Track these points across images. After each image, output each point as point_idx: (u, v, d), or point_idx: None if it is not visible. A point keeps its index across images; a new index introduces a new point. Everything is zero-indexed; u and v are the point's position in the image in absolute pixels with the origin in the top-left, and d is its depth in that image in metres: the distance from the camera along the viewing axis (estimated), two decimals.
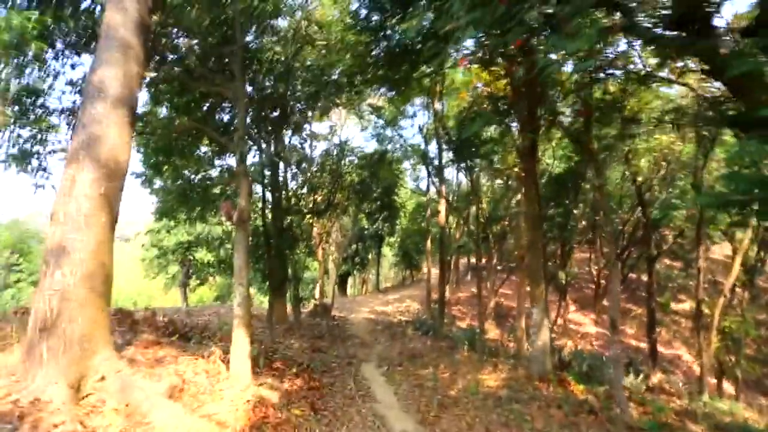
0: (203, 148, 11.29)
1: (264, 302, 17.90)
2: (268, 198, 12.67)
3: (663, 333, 19.90)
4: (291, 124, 10.57)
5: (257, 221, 11.78)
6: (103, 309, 3.84)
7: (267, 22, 8.12)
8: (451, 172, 25.43)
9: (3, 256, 31.12)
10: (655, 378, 14.28)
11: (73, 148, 3.93)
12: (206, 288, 25.14)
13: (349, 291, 32.80)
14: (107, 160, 3.95)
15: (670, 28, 4.30)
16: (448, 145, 11.02)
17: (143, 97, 7.80)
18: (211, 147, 10.99)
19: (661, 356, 17.50)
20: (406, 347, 12.22)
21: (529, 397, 5.89)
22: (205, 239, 12.34)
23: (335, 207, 15.96)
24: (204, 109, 9.16)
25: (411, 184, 27.64)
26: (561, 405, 5.47)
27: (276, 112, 9.20)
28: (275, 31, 8.57)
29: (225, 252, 12.87)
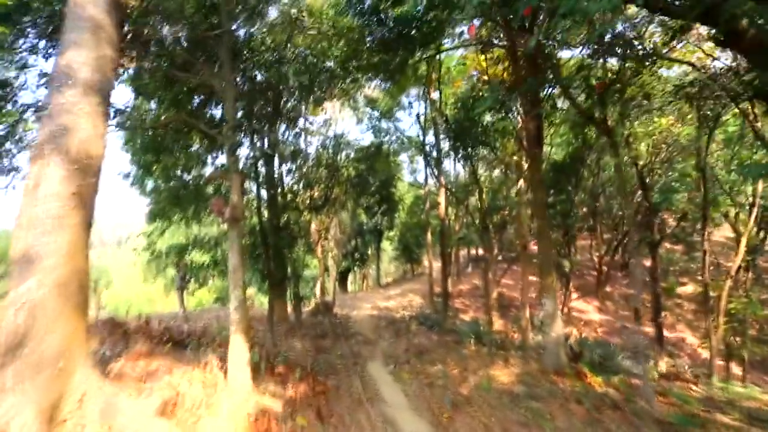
0: (194, 146, 10.86)
1: (265, 303, 17.56)
2: (264, 195, 12.28)
3: (667, 317, 19.81)
4: (284, 117, 10.12)
5: (253, 219, 11.37)
6: (79, 321, 3.40)
7: (256, 8, 7.63)
8: (449, 163, 25.13)
9: None
10: (663, 363, 14.12)
11: (40, 141, 3.44)
12: (205, 290, 24.73)
13: (350, 287, 32.54)
14: (78, 154, 3.49)
15: None
16: (447, 133, 10.61)
17: (127, 91, 7.34)
18: (202, 143, 10.53)
19: (665, 340, 17.39)
20: (412, 343, 11.94)
21: (546, 393, 5.59)
22: (200, 240, 11.90)
23: (333, 202, 15.60)
24: (194, 104, 8.71)
25: (408, 177, 27.30)
26: (581, 400, 5.17)
27: (268, 105, 8.74)
28: (264, 19, 8.10)
29: (223, 253, 12.48)
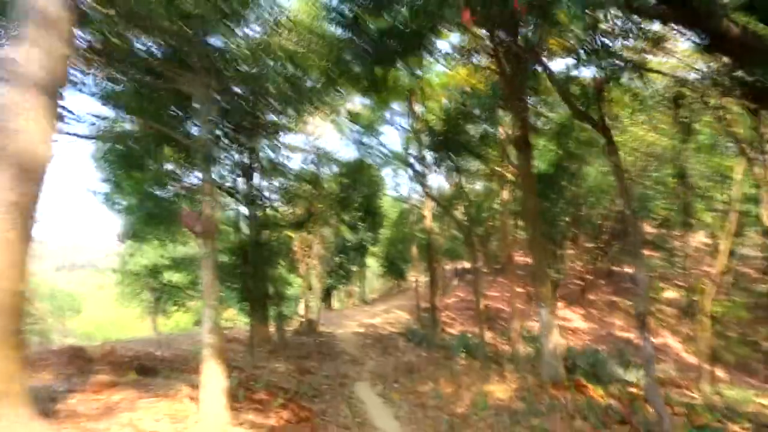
0: (169, 163, 10.33)
1: (247, 323, 16.74)
2: (244, 211, 11.78)
3: (651, 322, 19.98)
4: (264, 130, 9.78)
5: (230, 236, 10.83)
6: (13, 354, 2.82)
7: (231, 15, 7.35)
8: (432, 178, 25.16)
9: None
10: None
11: None
12: (182, 313, 23.51)
13: (335, 305, 31.70)
14: (21, 159, 3.03)
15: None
16: (433, 144, 10.50)
17: (95, 102, 6.87)
18: (178, 158, 9.99)
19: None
20: (401, 361, 11.49)
21: (547, 408, 5.26)
22: (176, 260, 11.21)
23: (316, 218, 15.21)
24: (168, 114, 8.27)
25: (392, 192, 27.17)
26: (586, 415, 4.87)
27: (247, 116, 8.39)
28: (240, 25, 7.82)
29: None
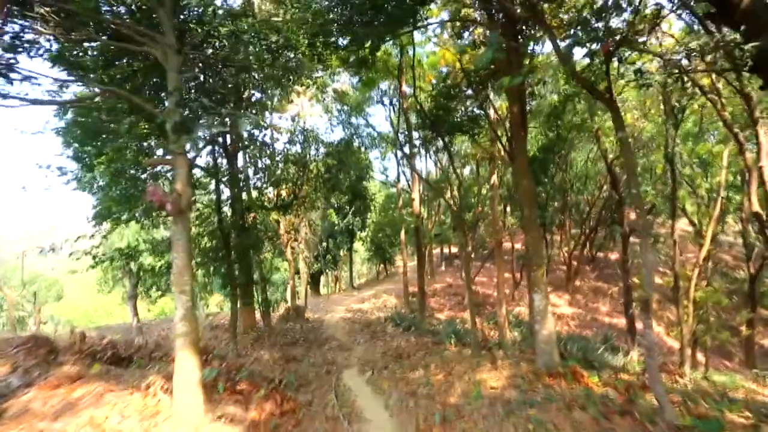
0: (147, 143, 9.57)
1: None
2: (227, 193, 11.16)
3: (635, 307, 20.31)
4: (245, 104, 9.10)
5: (212, 217, 10.24)
6: None
7: None
8: (420, 161, 24.77)
9: None
10: (635, 354, 14.32)
11: None
12: (170, 299, 22.81)
13: (322, 290, 31.47)
14: None
15: None
16: (423, 123, 10.04)
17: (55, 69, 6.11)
18: (156, 134, 9.24)
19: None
20: (389, 346, 11.30)
21: (543, 398, 5.06)
22: (153, 242, 10.58)
23: (302, 201, 14.68)
24: (141, 86, 7.53)
25: (380, 176, 26.74)
26: (585, 405, 4.68)
27: (226, 85, 7.71)
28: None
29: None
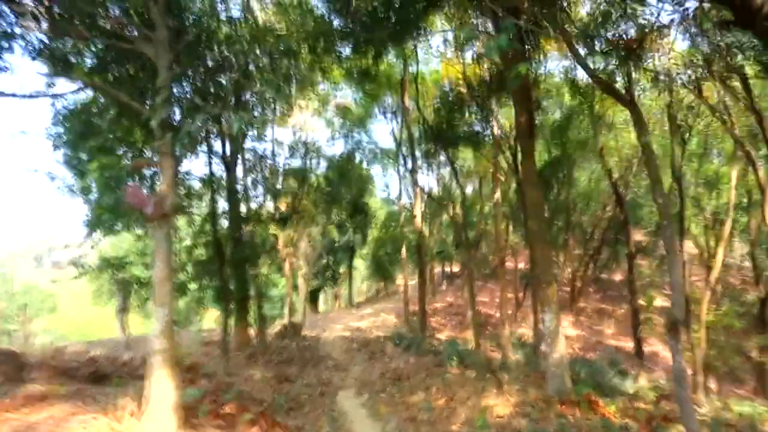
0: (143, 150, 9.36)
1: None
2: (224, 205, 10.90)
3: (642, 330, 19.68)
4: (242, 110, 8.91)
5: (206, 227, 9.93)
6: None
7: None
8: (422, 177, 24.64)
9: None
10: (642, 379, 13.70)
11: None
12: None
13: (321, 307, 30.78)
14: None
15: None
16: (426, 136, 9.86)
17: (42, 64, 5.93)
18: (149, 138, 9.03)
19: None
20: (388, 367, 10.74)
21: (556, 429, 4.61)
22: (142, 253, 10.23)
23: (302, 214, 14.43)
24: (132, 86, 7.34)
25: (381, 193, 26.58)
26: None
27: (222, 88, 7.53)
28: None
29: (182, 266, 10.78)
